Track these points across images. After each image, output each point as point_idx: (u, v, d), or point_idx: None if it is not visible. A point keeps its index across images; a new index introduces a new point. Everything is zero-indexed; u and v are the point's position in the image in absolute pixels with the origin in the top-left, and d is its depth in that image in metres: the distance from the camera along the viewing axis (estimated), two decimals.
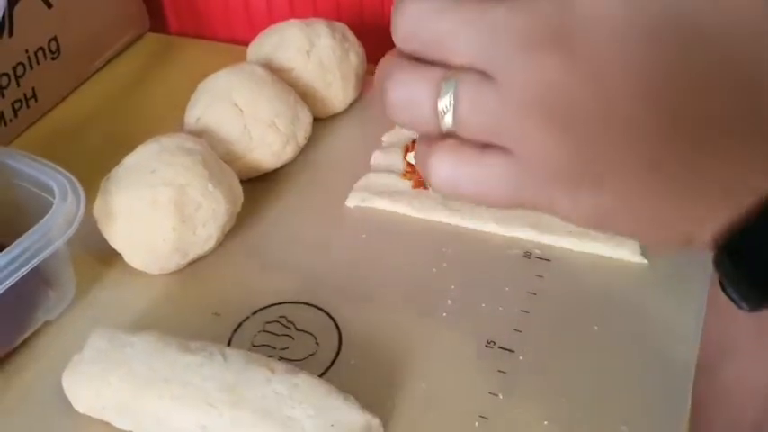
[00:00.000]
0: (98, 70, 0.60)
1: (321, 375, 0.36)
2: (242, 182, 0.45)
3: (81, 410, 0.35)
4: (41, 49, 0.54)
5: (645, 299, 0.39)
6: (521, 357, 0.37)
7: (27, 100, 0.54)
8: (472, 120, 0.25)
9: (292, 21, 0.52)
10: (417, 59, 0.26)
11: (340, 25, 0.54)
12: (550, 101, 0.24)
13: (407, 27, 0.26)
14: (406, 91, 0.26)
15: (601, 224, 0.25)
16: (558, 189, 0.25)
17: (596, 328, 0.38)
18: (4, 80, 0.52)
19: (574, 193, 0.25)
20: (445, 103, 0.25)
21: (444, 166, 0.26)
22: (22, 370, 0.38)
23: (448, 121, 0.25)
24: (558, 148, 0.24)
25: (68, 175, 0.39)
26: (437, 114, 0.26)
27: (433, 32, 0.26)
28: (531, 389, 0.36)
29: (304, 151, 0.50)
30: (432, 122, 0.26)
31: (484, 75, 0.25)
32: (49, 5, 0.54)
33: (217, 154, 0.44)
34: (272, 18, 0.63)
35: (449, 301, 0.40)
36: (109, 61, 0.61)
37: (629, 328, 0.38)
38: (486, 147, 0.26)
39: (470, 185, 0.26)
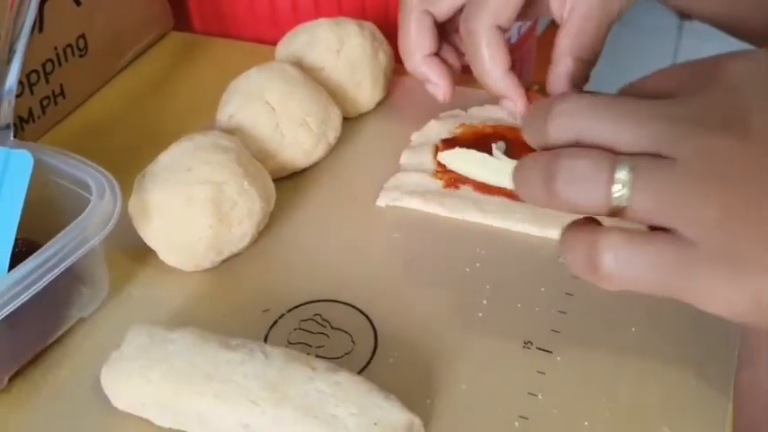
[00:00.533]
0: (123, 68, 0.60)
1: (358, 374, 0.36)
2: (272, 181, 0.45)
3: (120, 407, 0.34)
4: (69, 46, 0.54)
5: None
6: (559, 358, 0.37)
7: (55, 97, 0.54)
8: (648, 197, 0.27)
9: (322, 20, 0.52)
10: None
11: (369, 24, 0.54)
12: (730, 178, 0.26)
13: (564, 120, 0.29)
14: (581, 165, 0.27)
15: (760, 314, 0.26)
16: (727, 273, 0.26)
17: (634, 329, 0.38)
18: (34, 77, 0.52)
19: (742, 276, 0.26)
20: (621, 179, 0.27)
21: (617, 249, 0.27)
22: (57, 367, 0.38)
23: (623, 197, 0.27)
24: (734, 228, 0.26)
25: (105, 172, 0.39)
26: (610, 191, 0.27)
27: (594, 122, 0.28)
28: (570, 389, 0.35)
29: (333, 150, 0.50)
30: (603, 199, 0.27)
31: (659, 157, 0.27)
32: (78, 3, 0.54)
33: (249, 152, 0.44)
34: (297, 18, 0.63)
35: (484, 301, 0.40)
36: (134, 59, 0.61)
37: (668, 328, 0.38)
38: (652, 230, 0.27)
39: (645, 269, 0.27)
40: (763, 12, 0.44)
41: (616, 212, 0.28)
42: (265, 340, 0.38)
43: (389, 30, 0.58)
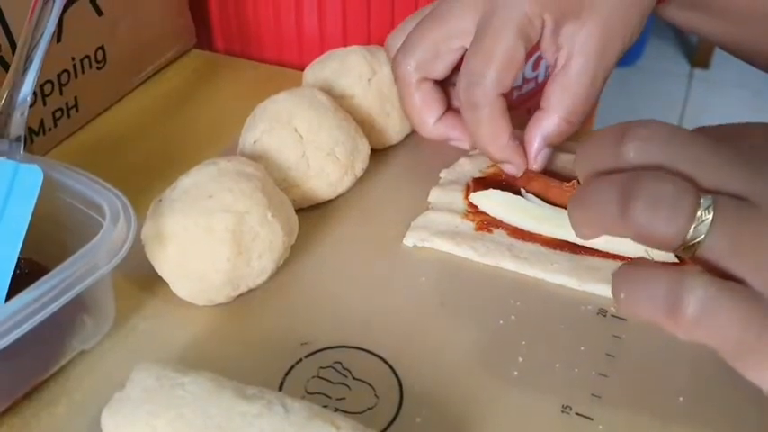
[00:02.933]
0: (140, 84, 0.58)
1: None
2: (295, 211, 0.42)
3: None
4: (87, 57, 0.52)
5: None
6: (600, 426, 0.34)
7: (68, 109, 0.51)
8: (727, 236, 0.25)
9: (354, 47, 0.50)
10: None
11: None
12: None
13: (645, 144, 0.27)
14: (667, 189, 0.26)
15: None
16: None
17: (681, 399, 0.35)
18: (48, 87, 0.49)
19: None
20: (703, 213, 0.25)
21: (706, 290, 0.25)
22: (53, 404, 0.35)
23: (701, 231, 0.25)
24: None
25: (121, 194, 0.36)
26: (692, 221, 0.25)
27: (677, 151, 0.26)
28: None
29: (358, 183, 0.47)
30: (682, 228, 0.26)
31: (741, 199, 0.25)
32: (100, 13, 0.51)
33: (272, 180, 0.41)
34: (323, 43, 0.61)
35: (520, 359, 0.37)
36: (152, 75, 0.59)
37: (719, 397, 0.35)
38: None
39: (730, 317, 0.25)
40: None
41: (685, 249, 0.26)
42: (281, 387, 0.35)
43: None
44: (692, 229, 0.26)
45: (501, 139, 0.40)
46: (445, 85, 0.46)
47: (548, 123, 0.40)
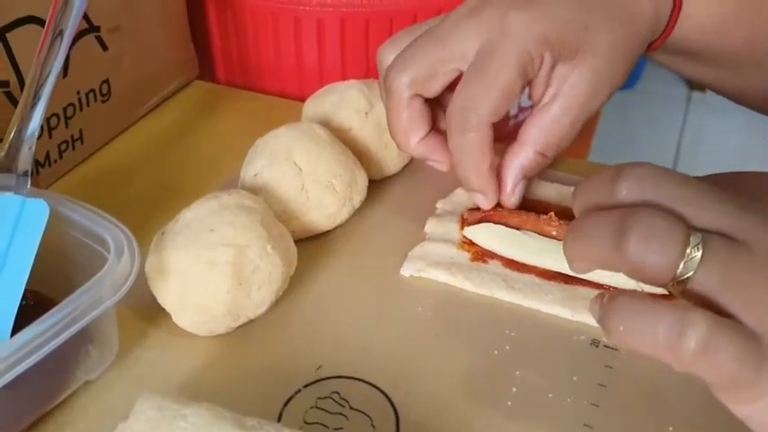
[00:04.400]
0: (144, 115, 0.59)
1: None
2: (294, 242, 0.43)
3: None
4: (93, 90, 0.53)
5: None
6: None
7: (73, 142, 0.53)
8: (717, 272, 0.26)
9: (352, 81, 0.51)
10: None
11: None
12: None
13: (639, 182, 0.28)
14: (660, 225, 0.27)
15: None
16: None
17: (671, 428, 0.36)
18: (54, 120, 0.50)
19: None
20: (693, 250, 0.26)
21: (709, 327, 0.26)
22: None
23: (691, 266, 0.26)
24: None
25: (125, 228, 0.37)
26: (683, 256, 0.26)
27: (670, 190, 0.28)
28: None
29: (357, 213, 0.48)
30: (673, 262, 0.27)
31: (730, 238, 0.26)
32: (105, 47, 0.53)
33: (273, 213, 0.42)
34: (322, 75, 0.62)
35: (514, 389, 0.37)
36: (155, 107, 0.60)
37: (710, 428, 0.35)
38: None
39: (729, 353, 0.26)
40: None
41: (676, 284, 0.27)
42: (279, 417, 0.36)
43: None
44: (681, 264, 0.27)
45: (482, 167, 0.40)
46: (432, 105, 0.45)
47: (524, 156, 0.41)
